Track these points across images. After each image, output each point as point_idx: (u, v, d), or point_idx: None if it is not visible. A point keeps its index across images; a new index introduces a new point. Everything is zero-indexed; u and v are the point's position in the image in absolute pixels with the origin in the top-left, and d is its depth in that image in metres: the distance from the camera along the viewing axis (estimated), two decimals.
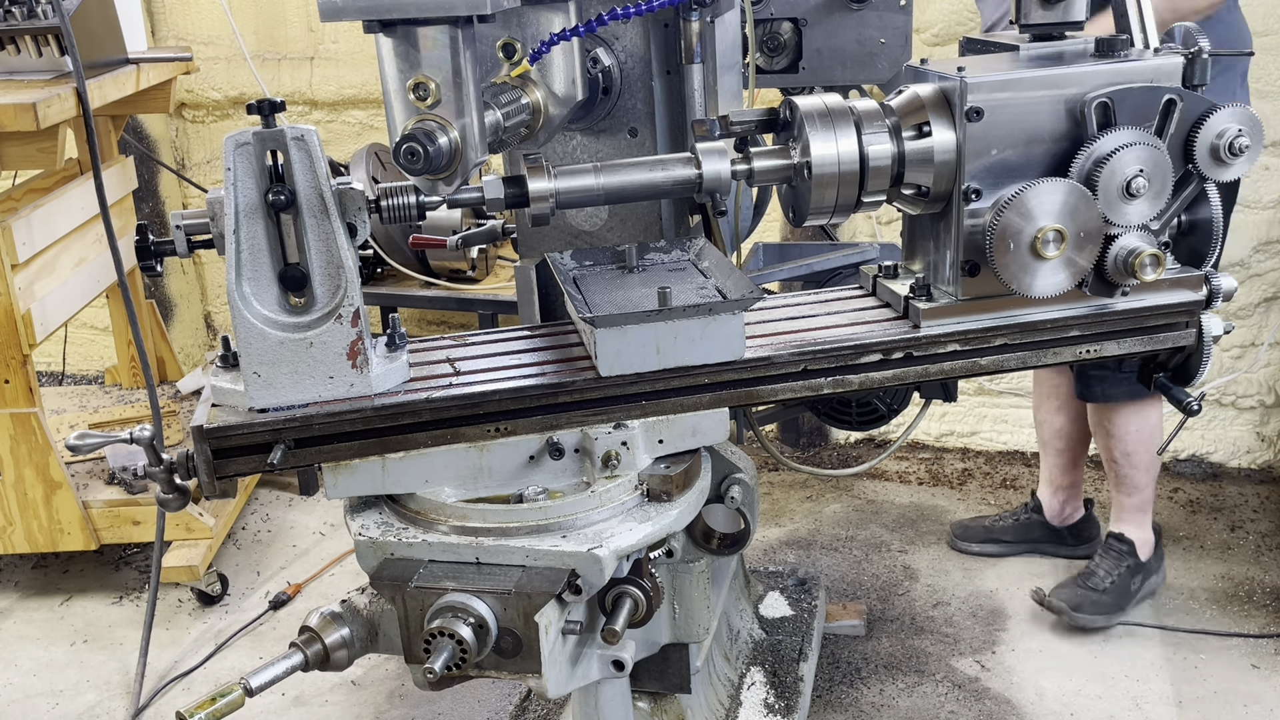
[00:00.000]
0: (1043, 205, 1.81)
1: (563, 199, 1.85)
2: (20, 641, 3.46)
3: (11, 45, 3.39)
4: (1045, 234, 1.82)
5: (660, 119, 2.23)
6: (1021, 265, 1.85)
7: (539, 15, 1.95)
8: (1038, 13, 2.07)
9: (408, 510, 1.82)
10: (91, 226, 3.67)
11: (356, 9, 1.58)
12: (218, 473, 1.77)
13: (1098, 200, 1.82)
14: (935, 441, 4.36)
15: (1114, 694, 2.98)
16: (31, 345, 3.33)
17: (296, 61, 4.72)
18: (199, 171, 5.00)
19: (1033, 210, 1.81)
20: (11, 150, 3.27)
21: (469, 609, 1.65)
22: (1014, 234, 1.83)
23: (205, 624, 3.50)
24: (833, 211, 1.91)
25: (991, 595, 3.42)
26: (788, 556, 3.67)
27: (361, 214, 1.75)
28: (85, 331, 5.18)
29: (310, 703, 3.12)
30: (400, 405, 1.78)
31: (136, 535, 3.51)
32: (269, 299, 1.74)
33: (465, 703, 3.07)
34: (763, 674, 2.80)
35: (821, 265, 2.81)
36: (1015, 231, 1.83)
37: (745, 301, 1.82)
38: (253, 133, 1.67)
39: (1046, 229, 1.82)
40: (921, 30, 3.88)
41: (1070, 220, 1.82)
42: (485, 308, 3.86)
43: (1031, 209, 1.81)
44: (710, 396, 1.86)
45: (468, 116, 1.65)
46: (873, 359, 1.91)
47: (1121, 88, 1.83)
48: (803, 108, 1.87)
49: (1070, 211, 1.82)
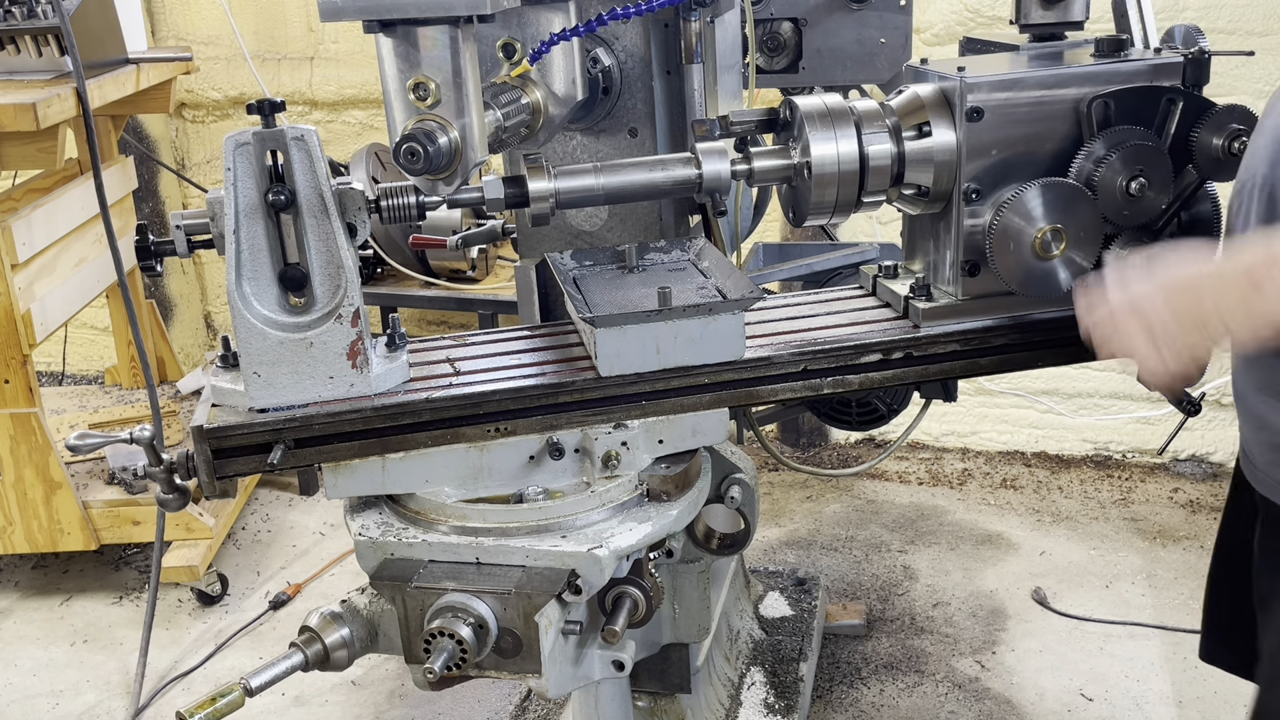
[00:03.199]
0: (1043, 205, 1.81)
1: (563, 199, 1.85)
2: (20, 641, 3.46)
3: (11, 45, 3.39)
4: (1045, 234, 1.82)
5: (660, 119, 2.23)
6: (1021, 265, 1.85)
7: (539, 15, 1.95)
8: (1038, 13, 2.07)
9: (408, 510, 1.82)
10: (91, 226, 3.67)
11: (356, 9, 1.58)
12: (218, 473, 1.77)
13: (1098, 200, 1.82)
14: (935, 441, 4.36)
15: (1114, 694, 2.98)
16: (31, 345, 3.33)
17: (296, 61, 4.72)
18: (199, 171, 5.00)
19: (1033, 210, 1.81)
20: (11, 150, 3.27)
21: (469, 609, 1.65)
22: (1014, 234, 1.83)
23: (205, 624, 3.50)
24: (832, 211, 1.91)
25: (991, 595, 3.42)
26: (788, 556, 3.67)
27: (361, 214, 1.74)
28: (85, 331, 5.18)
29: (310, 703, 3.12)
30: (400, 405, 1.78)
31: (136, 535, 3.51)
32: (269, 299, 1.74)
33: (465, 703, 3.07)
34: (763, 674, 2.80)
35: (821, 265, 2.81)
36: (1015, 231, 1.83)
37: (745, 301, 1.82)
38: (253, 133, 1.67)
39: (1046, 229, 1.82)
40: (921, 30, 3.88)
41: (1070, 220, 1.82)
42: (485, 308, 3.86)
43: (1031, 209, 1.81)
44: (710, 396, 1.86)
45: (468, 116, 1.65)
46: (873, 359, 1.91)
47: (1121, 88, 1.83)
48: (803, 108, 1.87)
49: (1070, 211, 1.82)
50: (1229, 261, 1.43)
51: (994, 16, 3.85)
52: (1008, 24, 2.18)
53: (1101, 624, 3.26)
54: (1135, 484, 4.02)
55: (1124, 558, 3.57)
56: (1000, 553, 3.65)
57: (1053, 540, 3.70)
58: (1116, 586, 3.43)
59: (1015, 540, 3.71)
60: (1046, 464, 4.19)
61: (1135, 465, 4.13)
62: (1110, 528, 3.76)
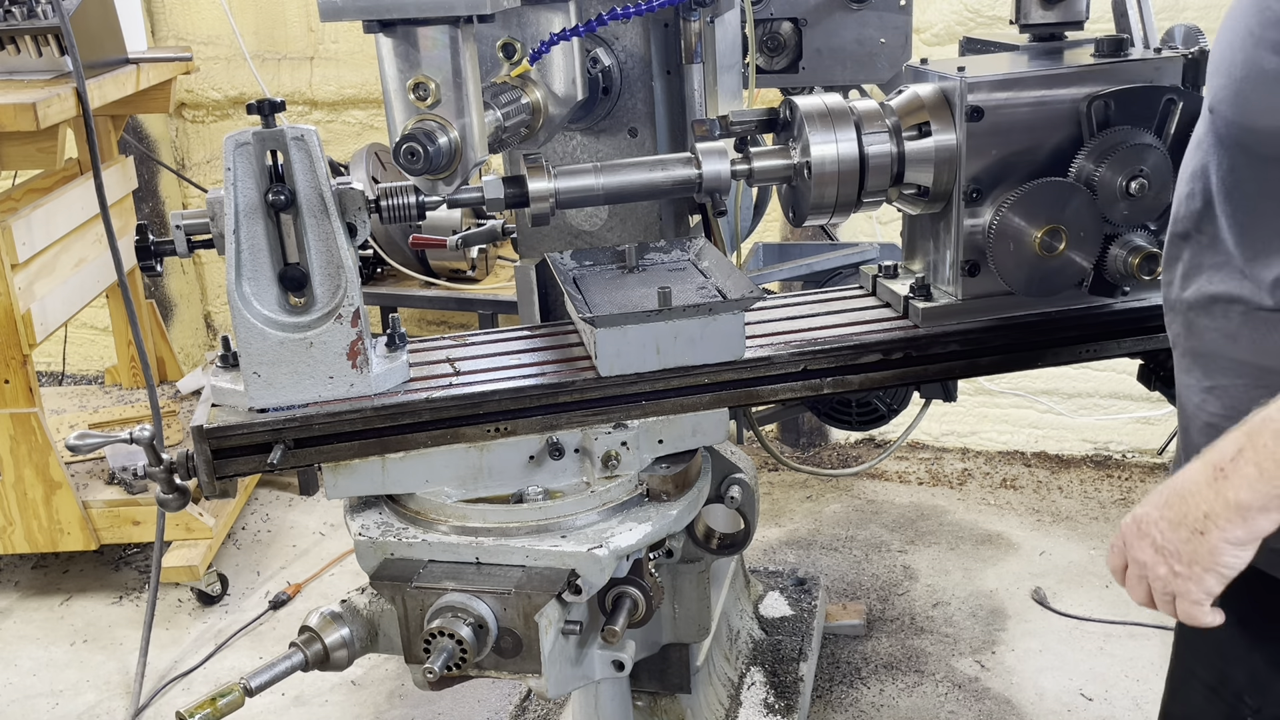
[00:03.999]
0: (1043, 205, 1.81)
1: (563, 199, 1.85)
2: (20, 641, 3.46)
3: (11, 45, 3.39)
4: (1045, 234, 1.82)
5: (660, 119, 2.23)
6: (1021, 265, 1.85)
7: (539, 15, 1.95)
8: (1038, 13, 2.07)
9: (408, 510, 1.82)
10: (91, 226, 3.67)
11: (356, 9, 1.58)
12: (218, 473, 1.77)
13: (1098, 200, 1.82)
14: (935, 441, 4.36)
15: (1114, 694, 2.98)
16: (31, 345, 3.33)
17: (296, 61, 4.72)
18: (199, 171, 4.99)
19: (1033, 210, 1.81)
20: (11, 150, 3.27)
21: (469, 609, 1.65)
22: (1014, 234, 1.83)
23: (205, 624, 3.50)
24: (832, 211, 1.91)
25: (991, 595, 3.42)
26: (788, 556, 3.67)
27: (361, 214, 1.74)
28: (85, 331, 5.18)
29: (310, 703, 3.12)
30: (400, 405, 1.78)
31: (136, 535, 3.51)
32: (269, 299, 1.74)
33: (465, 703, 3.07)
34: (763, 674, 2.80)
35: (821, 265, 2.82)
36: (1015, 231, 1.83)
37: (745, 301, 1.82)
38: (253, 133, 1.67)
39: (1046, 229, 1.82)
40: (921, 30, 3.87)
41: (1070, 220, 1.82)
42: (485, 308, 3.86)
43: (1031, 209, 1.81)
44: (710, 396, 1.85)
45: (468, 116, 1.65)
46: (873, 359, 1.91)
47: (1121, 88, 1.83)
48: (803, 108, 1.87)
49: (1070, 211, 1.82)
50: (1205, 455, 1.31)
51: (994, 16, 3.85)
52: (1008, 24, 2.18)
53: (1101, 624, 3.26)
54: (1135, 484, 4.02)
55: None
56: (1000, 553, 3.65)
57: (1053, 540, 3.70)
58: (1116, 586, 3.39)
59: (1015, 540, 3.71)
60: (1046, 464, 4.19)
61: (1135, 465, 4.13)
62: (1110, 528, 3.76)
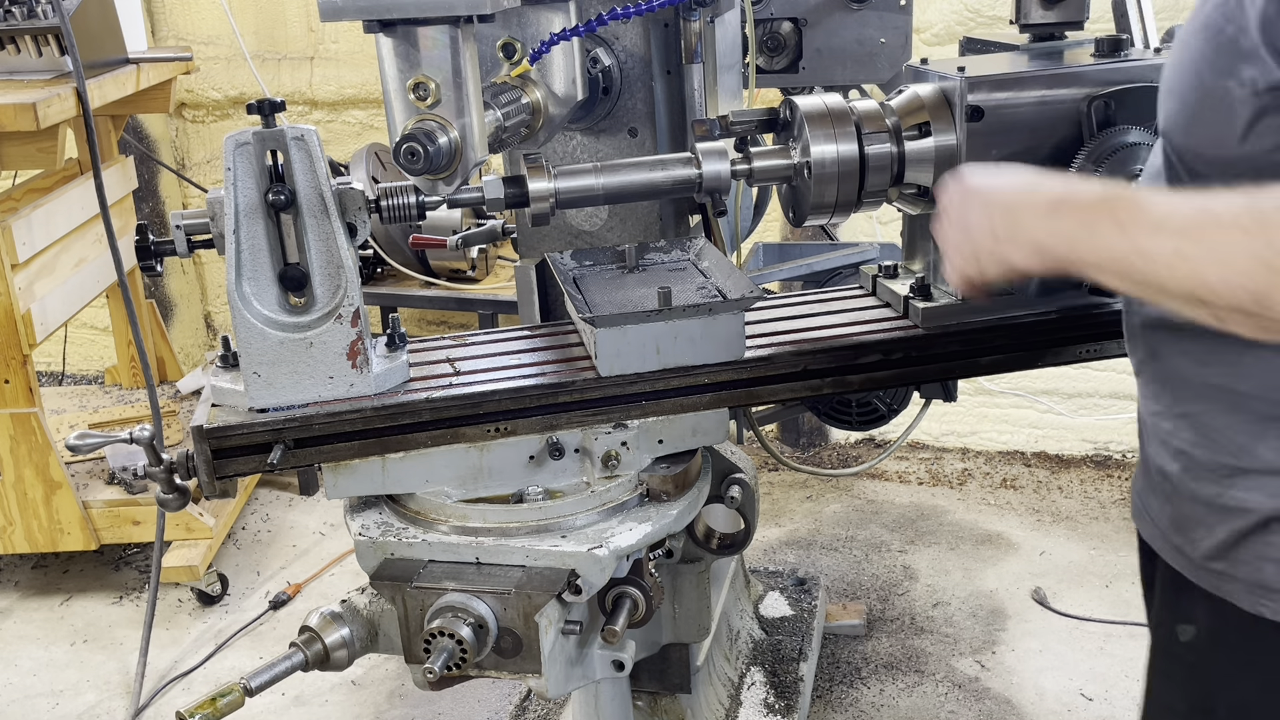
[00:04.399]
0: None
1: (563, 199, 1.85)
2: (20, 641, 3.46)
3: (11, 45, 3.39)
4: None
5: (660, 119, 2.23)
6: None
7: (539, 15, 1.95)
8: (1038, 13, 2.07)
9: (408, 510, 1.82)
10: (91, 226, 3.67)
11: (356, 9, 1.58)
12: (218, 473, 1.77)
13: None
14: (935, 441, 4.36)
15: (1114, 694, 2.98)
16: (31, 345, 3.33)
17: (296, 61, 4.72)
18: (199, 171, 5.00)
19: None
20: (11, 150, 3.27)
21: (469, 609, 1.65)
22: None
23: (205, 624, 3.50)
24: (832, 211, 1.91)
25: (991, 595, 3.42)
26: (788, 556, 3.67)
27: (361, 214, 1.74)
28: (85, 331, 5.18)
29: (310, 703, 3.12)
30: (400, 405, 1.78)
31: (136, 535, 3.51)
32: (269, 299, 1.74)
33: (465, 703, 3.07)
34: (763, 674, 2.80)
35: (821, 265, 2.81)
36: None
37: (745, 301, 1.82)
38: (253, 133, 1.67)
39: None
40: (921, 30, 3.87)
41: None
42: (485, 308, 3.86)
43: None
44: (710, 397, 1.85)
45: (468, 116, 1.65)
46: (873, 359, 1.91)
47: (1121, 88, 1.83)
48: (803, 108, 1.87)
49: None
50: (1097, 190, 1.23)
51: (994, 16, 3.85)
52: (1008, 24, 2.18)
53: (1101, 624, 3.26)
54: None
55: (1124, 558, 3.56)
56: (1000, 553, 3.65)
57: (1053, 540, 3.70)
58: (1116, 586, 3.43)
59: (1015, 540, 3.71)
60: (1046, 464, 4.19)
61: (1135, 465, 4.12)
62: (1110, 528, 3.76)
